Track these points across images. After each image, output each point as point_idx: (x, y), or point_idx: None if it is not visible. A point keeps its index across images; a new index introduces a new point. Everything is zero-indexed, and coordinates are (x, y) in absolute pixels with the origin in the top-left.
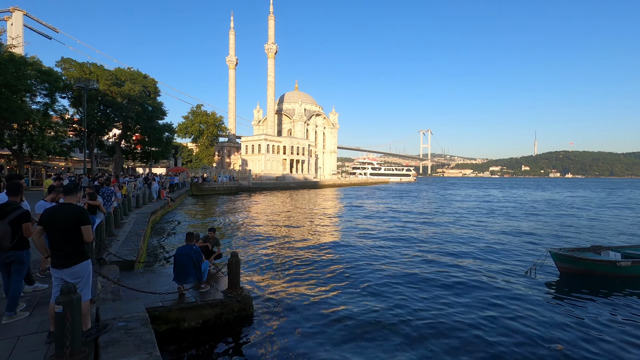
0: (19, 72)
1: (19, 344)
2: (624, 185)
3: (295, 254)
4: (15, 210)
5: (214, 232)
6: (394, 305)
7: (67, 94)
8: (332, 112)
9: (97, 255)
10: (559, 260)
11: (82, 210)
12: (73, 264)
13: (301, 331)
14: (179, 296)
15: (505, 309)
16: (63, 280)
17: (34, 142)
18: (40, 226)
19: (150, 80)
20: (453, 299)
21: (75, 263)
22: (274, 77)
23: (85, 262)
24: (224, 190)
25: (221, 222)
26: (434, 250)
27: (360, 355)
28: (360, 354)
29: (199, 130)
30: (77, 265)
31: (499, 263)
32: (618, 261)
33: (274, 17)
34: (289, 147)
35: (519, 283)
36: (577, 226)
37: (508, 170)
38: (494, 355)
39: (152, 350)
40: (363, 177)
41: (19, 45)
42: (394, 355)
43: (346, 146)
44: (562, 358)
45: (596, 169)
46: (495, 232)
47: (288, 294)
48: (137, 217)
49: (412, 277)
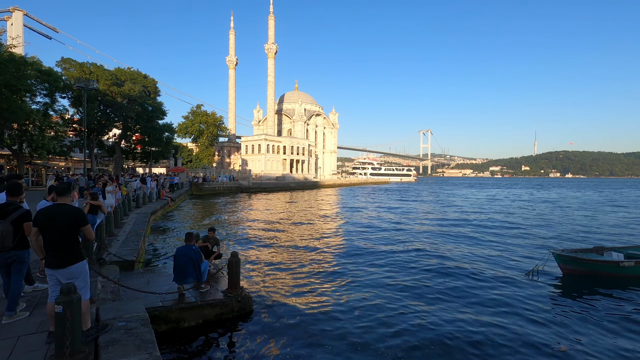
0: (19, 72)
1: (19, 344)
2: (627, 185)
3: (296, 254)
4: (16, 210)
5: (214, 232)
6: (395, 305)
7: (67, 94)
8: (332, 112)
9: (97, 255)
10: (562, 261)
11: (79, 210)
12: (68, 264)
13: (302, 331)
14: (179, 296)
15: (508, 310)
16: (58, 280)
17: (34, 142)
18: (36, 227)
19: (150, 80)
20: (455, 300)
21: (70, 264)
22: (274, 77)
23: (81, 263)
24: (224, 190)
25: (221, 222)
26: (435, 251)
27: (360, 355)
28: (361, 354)
29: (199, 130)
30: (73, 266)
31: (501, 264)
32: (621, 261)
33: (274, 17)
34: (289, 147)
35: (521, 284)
36: (584, 226)
37: (508, 170)
38: (496, 356)
39: (152, 350)
40: (363, 177)
41: (19, 45)
42: (395, 356)
43: (346, 146)
44: (566, 359)
45: (596, 169)
46: (496, 232)
47: (288, 294)
48: (137, 217)
49: (413, 277)
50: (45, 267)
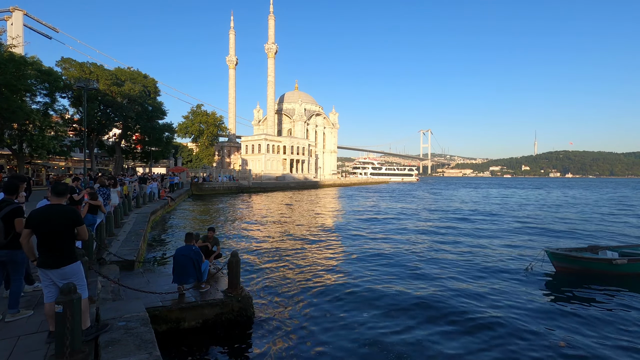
0: (19, 72)
1: (19, 343)
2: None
3: (296, 254)
4: (8, 206)
5: (214, 232)
6: (394, 302)
7: (67, 93)
8: (332, 112)
9: (97, 255)
10: (556, 259)
11: (75, 211)
12: (62, 265)
13: (302, 331)
14: (179, 296)
15: (503, 308)
16: (52, 281)
17: (34, 142)
18: (29, 229)
19: (150, 80)
20: (450, 299)
21: (64, 264)
22: (274, 77)
23: (75, 263)
24: (224, 190)
25: (221, 222)
26: (433, 250)
27: (361, 355)
28: (361, 354)
29: (199, 130)
30: (67, 267)
31: (496, 262)
32: (614, 259)
33: (274, 17)
34: (289, 147)
35: (516, 282)
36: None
37: (508, 170)
38: (495, 355)
39: (152, 350)
40: (363, 177)
41: (19, 45)
42: (394, 354)
43: (346, 146)
44: (564, 355)
45: (596, 168)
46: (496, 231)
47: (288, 294)
48: (137, 217)
49: (412, 277)
50: (38, 268)
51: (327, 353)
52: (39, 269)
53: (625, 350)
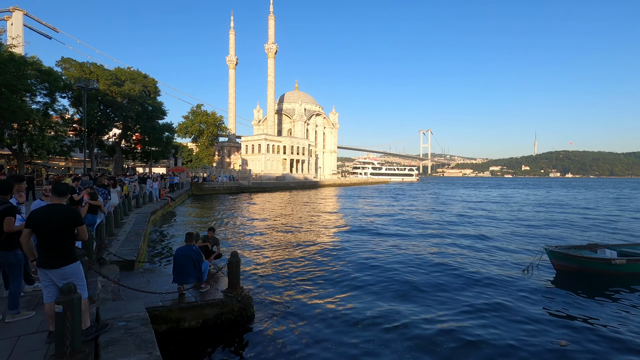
0: (19, 72)
1: (19, 343)
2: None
3: (296, 253)
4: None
5: (214, 232)
6: (395, 304)
7: (67, 93)
8: (332, 112)
9: (97, 255)
10: (555, 257)
11: (74, 210)
12: (62, 265)
13: (302, 331)
14: (179, 296)
15: (502, 306)
16: (51, 281)
17: (34, 142)
18: (29, 229)
19: (150, 80)
20: (450, 298)
21: (64, 264)
22: (274, 77)
23: (75, 263)
24: (224, 190)
25: (221, 221)
26: (432, 249)
27: (361, 355)
28: (361, 354)
29: (199, 130)
30: (67, 267)
31: (496, 261)
32: (613, 259)
33: (274, 17)
34: (289, 147)
35: (515, 280)
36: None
37: (508, 170)
38: (495, 355)
39: (152, 350)
40: (363, 177)
41: (19, 45)
42: (394, 354)
43: (346, 146)
44: (565, 355)
45: (596, 168)
46: (496, 230)
47: (289, 294)
48: (137, 217)
49: (413, 277)
50: (38, 267)
51: (327, 353)
52: (39, 269)
53: (625, 350)
